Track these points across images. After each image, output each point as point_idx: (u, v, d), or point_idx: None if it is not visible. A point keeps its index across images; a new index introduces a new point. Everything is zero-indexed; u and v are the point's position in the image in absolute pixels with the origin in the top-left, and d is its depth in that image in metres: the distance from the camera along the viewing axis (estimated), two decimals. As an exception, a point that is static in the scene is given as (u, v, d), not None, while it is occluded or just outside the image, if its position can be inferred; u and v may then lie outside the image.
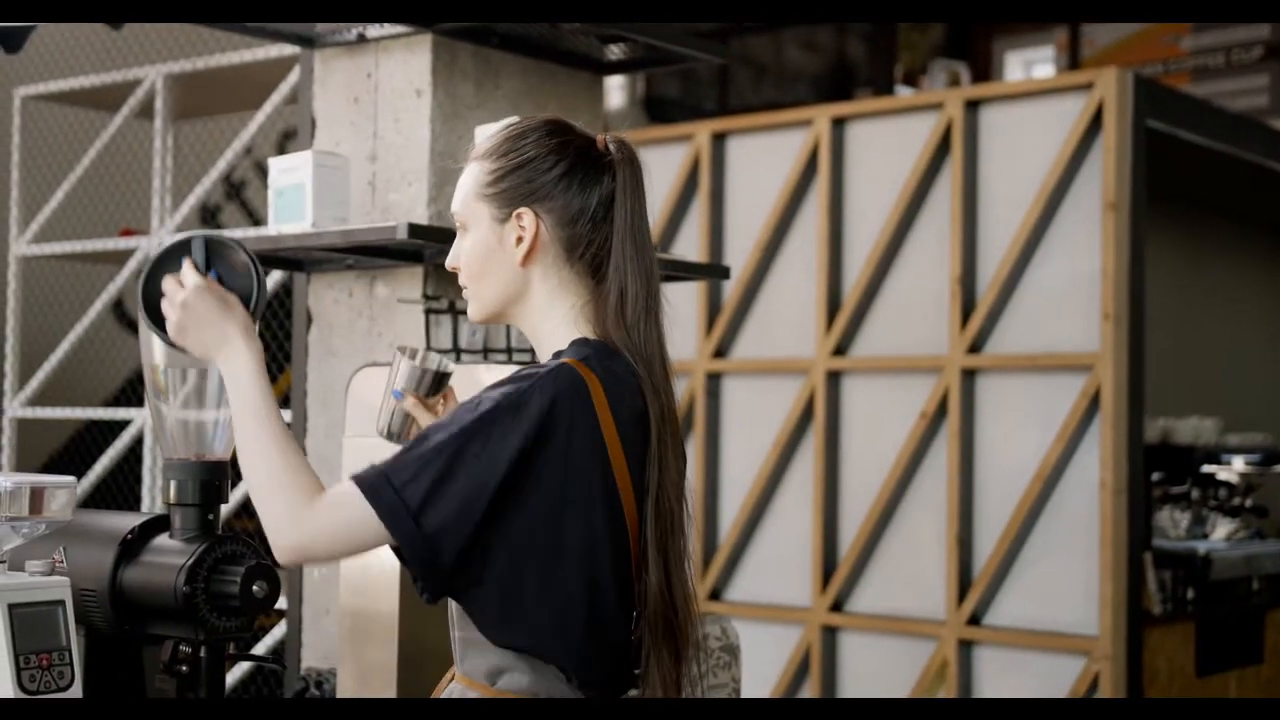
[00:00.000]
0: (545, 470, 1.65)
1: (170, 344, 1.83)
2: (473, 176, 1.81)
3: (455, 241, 1.84)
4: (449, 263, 1.85)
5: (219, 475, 1.92)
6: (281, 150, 5.03)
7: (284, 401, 3.71)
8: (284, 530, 1.64)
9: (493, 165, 1.80)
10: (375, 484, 1.62)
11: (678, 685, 1.73)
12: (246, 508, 3.96)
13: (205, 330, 1.79)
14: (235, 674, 3.77)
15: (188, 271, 1.82)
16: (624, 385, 1.73)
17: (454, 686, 1.74)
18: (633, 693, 1.75)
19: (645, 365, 1.76)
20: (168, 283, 1.82)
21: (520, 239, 1.78)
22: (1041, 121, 4.38)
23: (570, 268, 1.79)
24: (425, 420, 1.90)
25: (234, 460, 1.81)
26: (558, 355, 1.75)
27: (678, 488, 1.77)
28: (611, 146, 1.81)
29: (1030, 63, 9.89)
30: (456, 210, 1.83)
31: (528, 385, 1.66)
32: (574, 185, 1.78)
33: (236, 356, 1.76)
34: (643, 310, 1.77)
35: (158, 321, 1.83)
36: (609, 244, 1.79)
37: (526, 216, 1.77)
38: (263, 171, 5.38)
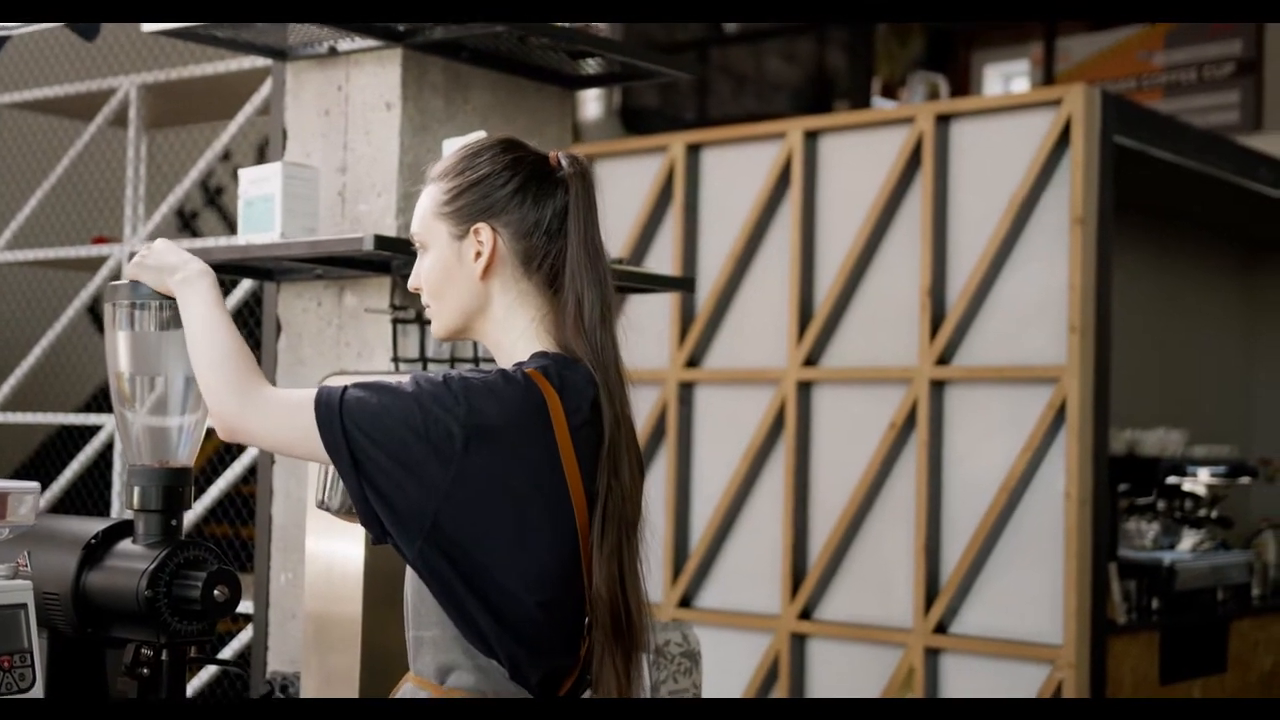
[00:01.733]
0: (482, 460, 1.70)
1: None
2: (430, 197, 1.87)
3: (416, 262, 1.88)
4: (411, 283, 1.90)
5: (182, 482, 1.95)
6: (260, 158, 5.05)
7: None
8: (230, 402, 1.74)
9: (448, 184, 1.85)
10: (329, 393, 1.71)
11: (628, 688, 1.77)
12: (214, 513, 3.98)
13: (166, 259, 1.90)
14: (201, 678, 3.79)
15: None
16: (579, 395, 1.78)
17: (407, 686, 1.78)
18: (586, 694, 1.79)
19: (602, 372, 1.81)
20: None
21: (479, 253, 1.82)
22: (1011, 136, 4.43)
23: (528, 280, 1.84)
24: None
25: (200, 466, 1.85)
26: (519, 366, 1.80)
27: (633, 493, 1.81)
28: (564, 161, 1.86)
29: (1009, 76, 9.97)
30: (416, 231, 1.88)
31: (480, 380, 1.72)
32: (528, 200, 1.83)
33: (197, 281, 1.86)
34: (598, 318, 1.82)
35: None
36: (564, 255, 1.83)
37: (484, 231, 1.82)
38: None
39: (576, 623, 1.77)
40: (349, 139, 2.83)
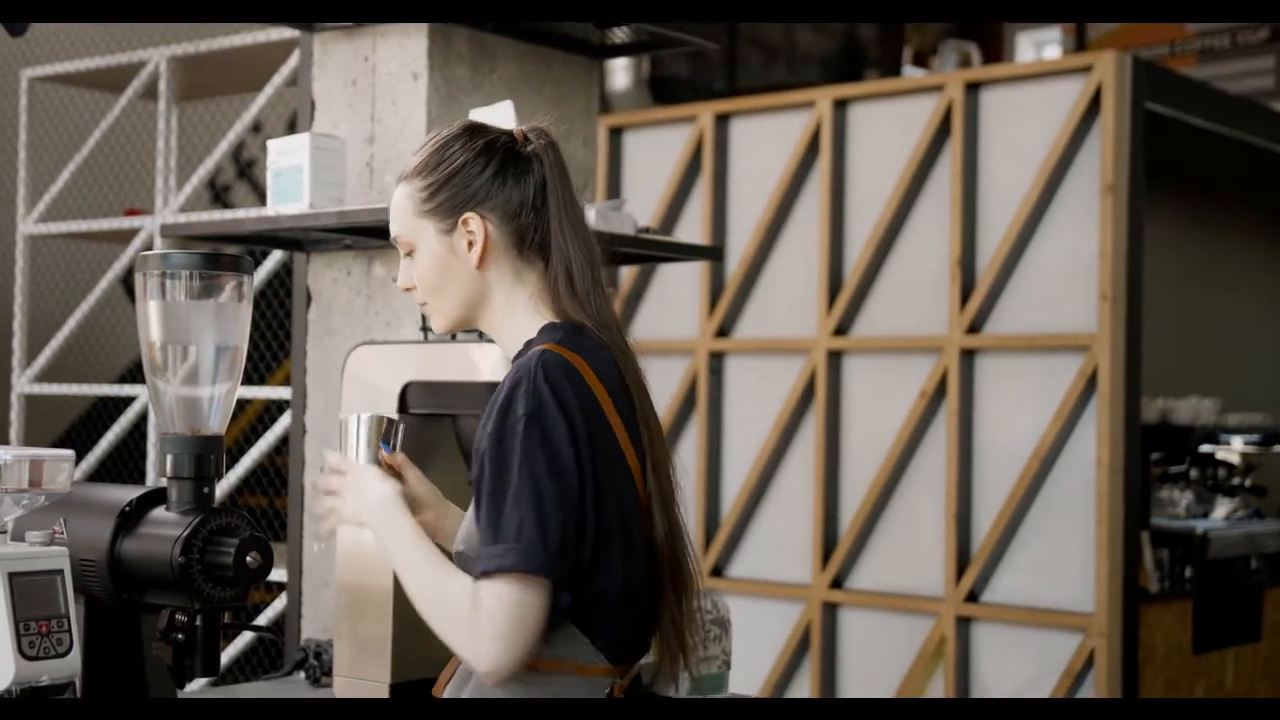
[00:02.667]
0: (584, 453, 1.71)
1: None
2: (406, 197, 1.86)
3: (402, 263, 1.88)
4: (402, 284, 1.89)
5: (214, 449, 1.97)
6: (290, 131, 5.07)
7: (285, 379, 3.78)
8: (475, 652, 1.68)
9: (424, 182, 1.84)
10: (497, 561, 1.66)
11: (685, 626, 1.80)
12: (247, 484, 4.02)
13: (366, 491, 1.85)
14: (236, 645, 3.84)
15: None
16: (600, 357, 1.80)
17: None
18: (647, 659, 1.80)
19: (606, 333, 1.83)
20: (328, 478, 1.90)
21: (471, 243, 1.83)
22: (1041, 103, 4.41)
23: (523, 259, 1.85)
24: (412, 472, 1.96)
25: (231, 435, 1.86)
26: (529, 344, 1.81)
27: (664, 442, 1.85)
28: (531, 136, 1.87)
29: (1041, 43, 9.87)
30: (397, 234, 1.88)
31: (527, 387, 1.71)
32: (509, 180, 1.84)
33: (390, 519, 1.82)
34: (591, 282, 1.84)
35: None
36: (549, 228, 1.84)
37: (473, 221, 1.83)
38: (271, 151, 5.43)
39: (652, 580, 1.79)
40: (376, 110, 2.84)
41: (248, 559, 1.91)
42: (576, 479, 1.69)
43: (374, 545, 2.38)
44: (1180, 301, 5.73)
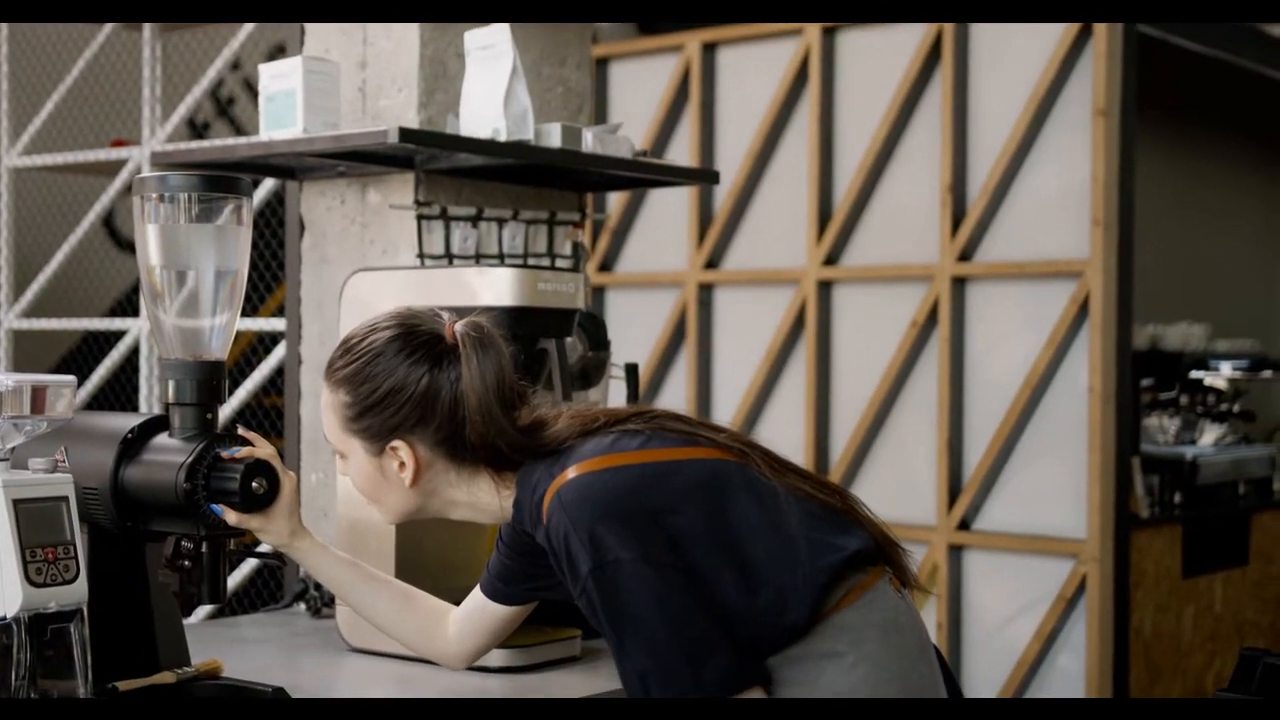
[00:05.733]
0: (672, 552, 1.64)
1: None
2: (334, 409, 1.81)
3: (338, 460, 1.85)
4: (343, 474, 1.86)
5: (217, 375, 1.94)
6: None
7: (279, 310, 3.74)
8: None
9: (350, 399, 1.78)
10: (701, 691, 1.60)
11: (870, 515, 1.82)
12: (241, 418, 4.00)
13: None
14: (236, 578, 3.83)
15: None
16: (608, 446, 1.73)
17: None
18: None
19: (579, 423, 1.77)
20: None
21: (402, 465, 1.78)
22: (1032, 27, 4.37)
23: (464, 461, 1.78)
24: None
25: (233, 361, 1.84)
26: (533, 491, 1.73)
27: (738, 432, 1.84)
28: (459, 331, 1.78)
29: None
30: (329, 438, 1.84)
31: (596, 536, 1.62)
32: (438, 399, 1.75)
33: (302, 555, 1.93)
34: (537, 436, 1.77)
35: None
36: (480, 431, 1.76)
37: (402, 449, 1.77)
38: (251, 89, 5.36)
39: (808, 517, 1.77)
40: (368, 33, 2.79)
41: (253, 484, 1.88)
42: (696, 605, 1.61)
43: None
44: (1170, 227, 5.73)
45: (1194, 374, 5.24)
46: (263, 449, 1.91)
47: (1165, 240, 5.63)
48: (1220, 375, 5.40)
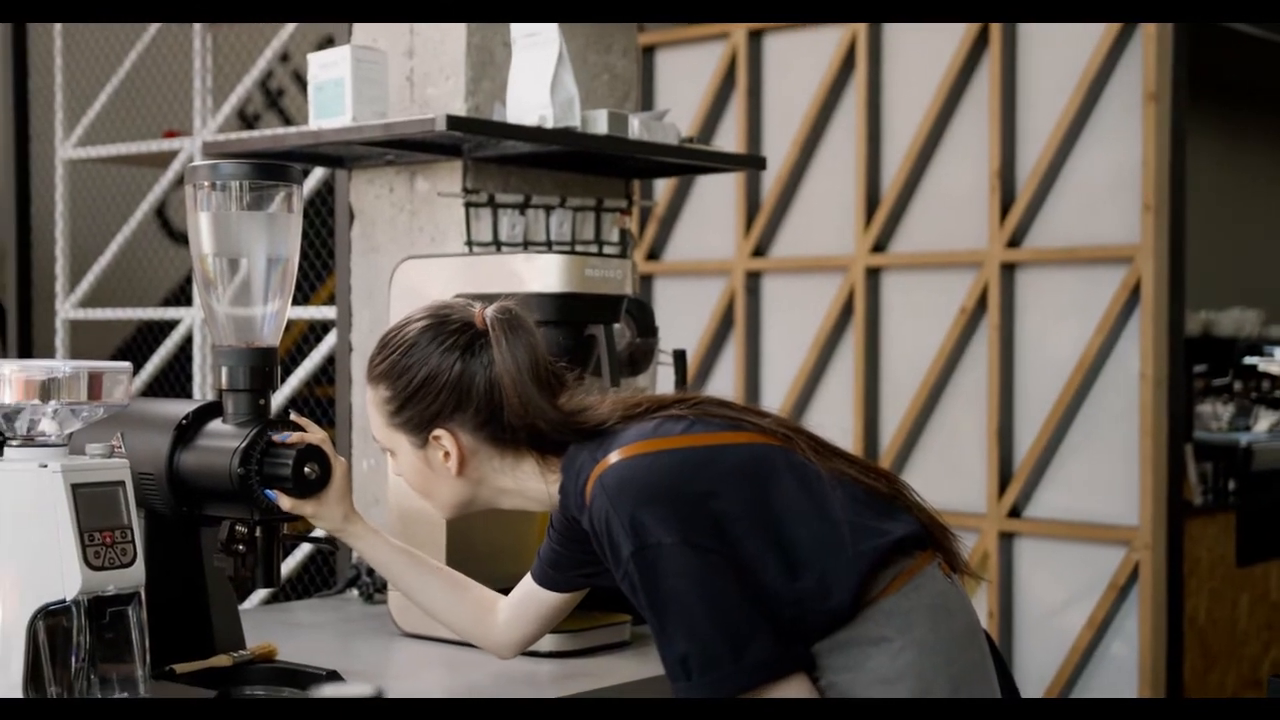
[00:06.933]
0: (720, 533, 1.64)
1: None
2: (376, 405, 1.83)
3: (390, 460, 1.88)
4: (395, 473, 1.89)
5: (269, 361, 1.96)
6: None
7: (330, 299, 3.77)
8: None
9: (389, 393, 1.81)
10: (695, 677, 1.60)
11: (915, 496, 1.82)
12: (294, 406, 4.03)
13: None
14: (289, 565, 3.86)
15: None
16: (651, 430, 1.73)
17: None
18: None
19: (622, 409, 1.77)
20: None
21: (447, 455, 1.80)
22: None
23: (508, 446, 1.80)
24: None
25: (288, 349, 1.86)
26: (577, 476, 1.73)
27: (784, 418, 1.84)
28: (488, 316, 1.80)
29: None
30: (376, 436, 1.86)
31: (637, 519, 1.62)
32: (474, 383, 1.77)
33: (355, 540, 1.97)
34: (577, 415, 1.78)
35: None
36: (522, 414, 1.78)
37: (444, 437, 1.79)
38: (300, 81, 5.39)
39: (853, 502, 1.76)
40: (415, 22, 2.81)
41: (306, 469, 1.90)
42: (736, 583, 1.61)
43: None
44: (1221, 212, 5.67)
45: (1248, 360, 5.19)
46: (314, 434, 1.93)
47: (1218, 225, 5.57)
48: (1275, 361, 5.34)
